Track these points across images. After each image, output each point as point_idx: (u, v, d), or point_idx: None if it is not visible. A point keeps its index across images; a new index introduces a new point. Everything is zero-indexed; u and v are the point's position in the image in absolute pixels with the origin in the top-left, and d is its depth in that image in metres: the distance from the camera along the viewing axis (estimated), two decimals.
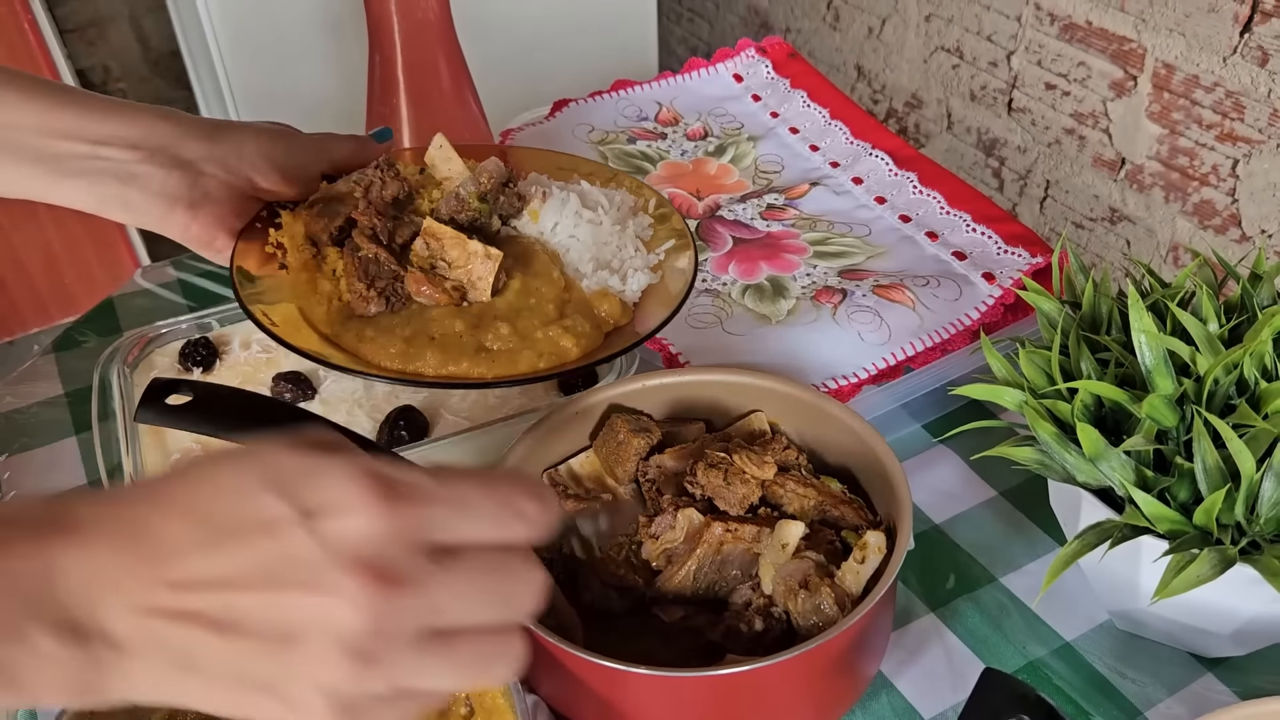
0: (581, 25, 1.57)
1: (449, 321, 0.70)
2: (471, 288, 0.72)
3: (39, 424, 0.90)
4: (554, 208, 0.77)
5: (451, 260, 0.72)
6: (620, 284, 0.77)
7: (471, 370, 0.69)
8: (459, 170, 0.78)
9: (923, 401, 0.83)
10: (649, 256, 0.79)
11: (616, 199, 0.82)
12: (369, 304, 0.71)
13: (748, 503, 0.67)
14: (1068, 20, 1.37)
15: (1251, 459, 0.56)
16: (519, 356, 0.69)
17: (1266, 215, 1.23)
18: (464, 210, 0.75)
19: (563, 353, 0.71)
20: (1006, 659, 0.70)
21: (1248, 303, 0.66)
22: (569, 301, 0.74)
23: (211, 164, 0.71)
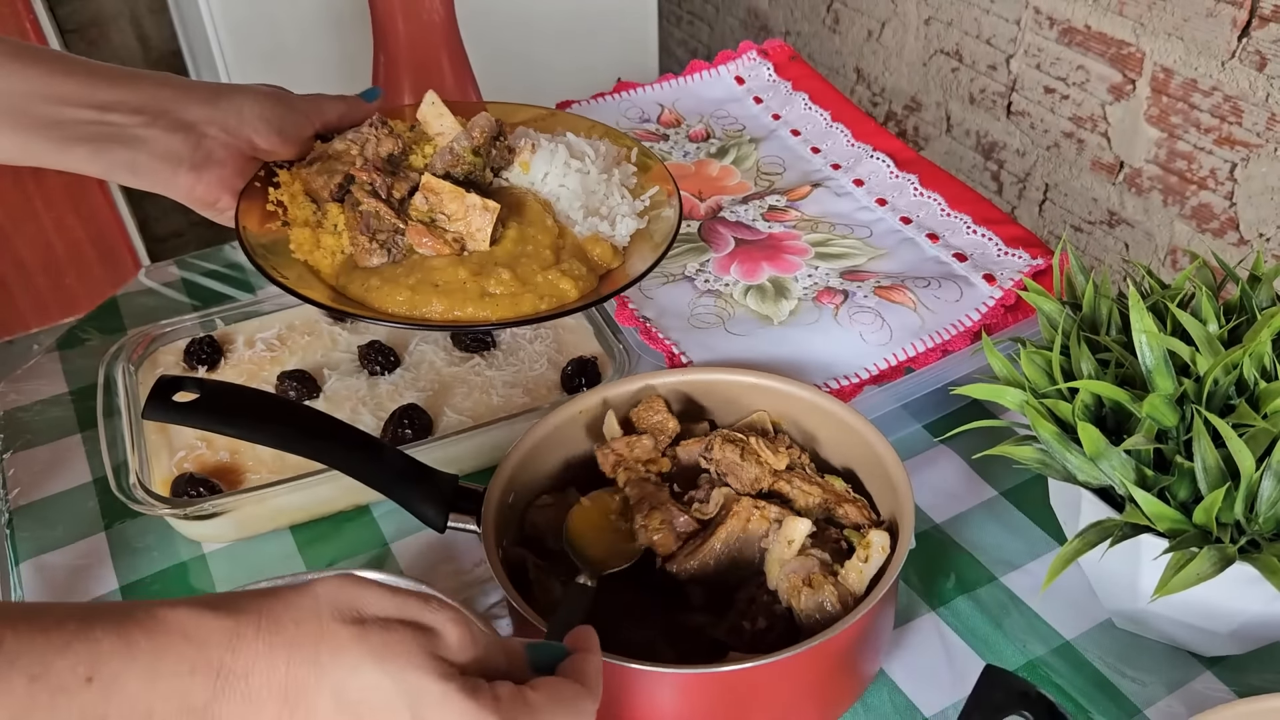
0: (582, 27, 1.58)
1: (452, 270, 0.73)
2: (470, 238, 0.75)
3: (43, 421, 0.90)
4: (543, 158, 0.81)
5: (450, 213, 0.75)
6: (610, 229, 0.81)
7: (478, 314, 0.72)
8: (451, 126, 0.82)
9: (924, 402, 0.83)
10: (635, 203, 0.83)
11: (601, 149, 0.86)
12: (372, 256, 0.74)
13: (759, 485, 0.68)
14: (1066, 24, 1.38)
15: (1251, 458, 0.57)
16: (521, 299, 0.73)
17: (1265, 219, 1.23)
18: (459, 164, 0.78)
19: (562, 294, 0.74)
20: (1007, 657, 0.70)
21: (1247, 304, 0.67)
22: (564, 247, 0.78)
23: (213, 126, 0.73)
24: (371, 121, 0.81)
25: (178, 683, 0.43)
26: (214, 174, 0.74)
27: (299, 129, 0.79)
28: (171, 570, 0.78)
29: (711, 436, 0.70)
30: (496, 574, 0.62)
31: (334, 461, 0.67)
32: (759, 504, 0.66)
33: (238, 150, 0.75)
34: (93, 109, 0.70)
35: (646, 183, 0.86)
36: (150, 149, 0.71)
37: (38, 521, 0.82)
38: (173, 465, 0.79)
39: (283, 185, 0.79)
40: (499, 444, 0.80)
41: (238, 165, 0.76)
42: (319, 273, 0.76)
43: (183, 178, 0.73)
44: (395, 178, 0.77)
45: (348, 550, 0.79)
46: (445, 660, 0.46)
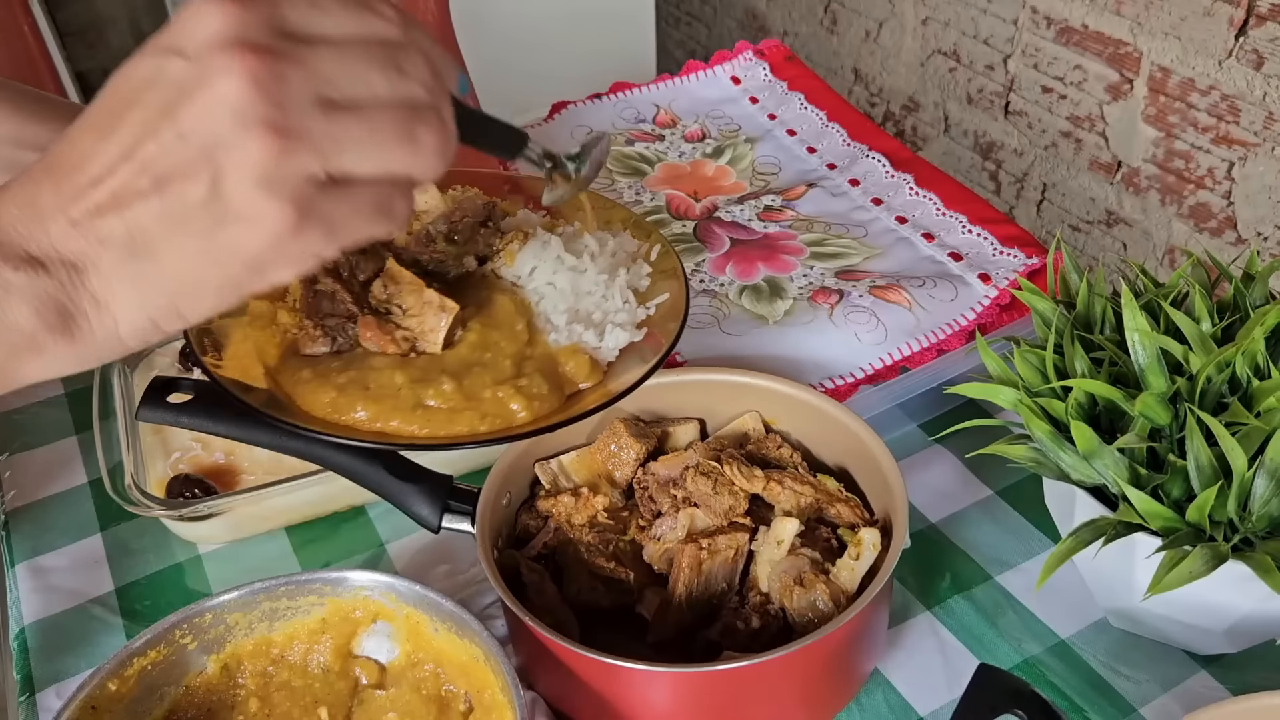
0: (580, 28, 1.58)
1: (388, 373, 0.64)
2: (422, 337, 0.66)
3: (40, 423, 0.90)
4: (533, 251, 0.71)
5: (406, 307, 0.67)
6: (595, 340, 0.69)
7: (403, 428, 0.63)
8: (434, 203, 0.73)
9: (919, 401, 0.83)
10: (637, 311, 0.72)
11: (610, 245, 0.75)
12: (315, 343, 0.66)
13: (734, 514, 0.67)
14: (1064, 24, 1.38)
15: (1243, 456, 0.57)
16: (458, 417, 0.63)
17: (1262, 218, 1.23)
18: (429, 250, 0.69)
19: (508, 417, 0.64)
20: (1002, 656, 0.70)
21: (1240, 302, 0.67)
22: (529, 358, 0.67)
23: None
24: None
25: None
26: None
27: None
28: (168, 571, 0.78)
29: (684, 469, 0.69)
30: (490, 574, 0.62)
31: (327, 462, 0.67)
32: (703, 541, 0.65)
33: None
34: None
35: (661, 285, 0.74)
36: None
37: (34, 523, 0.82)
38: (168, 467, 0.79)
39: None
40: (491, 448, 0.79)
41: None
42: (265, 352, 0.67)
43: None
44: (364, 256, 0.68)
45: (343, 551, 0.79)
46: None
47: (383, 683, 0.67)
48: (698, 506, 0.67)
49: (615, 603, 0.66)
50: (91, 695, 0.60)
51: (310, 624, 0.67)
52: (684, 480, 0.68)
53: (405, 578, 0.65)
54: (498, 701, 0.61)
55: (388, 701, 0.66)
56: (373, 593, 0.66)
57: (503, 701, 0.61)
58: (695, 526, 0.67)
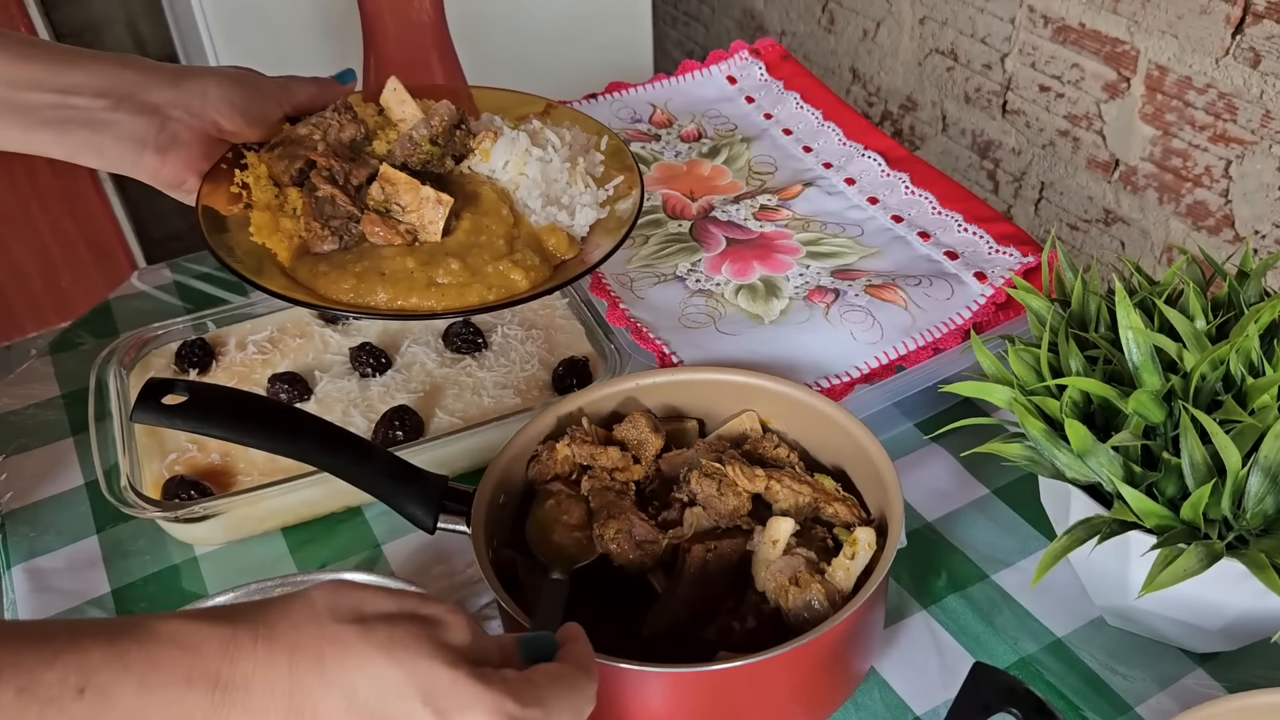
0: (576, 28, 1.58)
1: (400, 259, 0.73)
2: (423, 230, 0.75)
3: (36, 425, 0.90)
4: (504, 146, 0.80)
5: (405, 204, 0.75)
6: (569, 219, 0.80)
7: (422, 303, 0.72)
8: (412, 113, 0.81)
9: (915, 400, 0.83)
10: (598, 193, 0.82)
11: (567, 137, 0.84)
12: (323, 242, 0.74)
13: (738, 515, 0.67)
14: (1061, 22, 1.38)
15: (1237, 454, 0.57)
16: (469, 290, 0.73)
17: (1260, 215, 1.23)
18: (416, 153, 0.78)
19: (512, 285, 0.74)
20: (998, 655, 0.70)
21: (1235, 300, 0.67)
22: (518, 237, 0.77)
23: (177, 109, 0.73)
24: (335, 106, 0.80)
25: (173, 693, 0.42)
26: (179, 156, 0.74)
27: (265, 111, 0.78)
28: (164, 573, 0.78)
29: (688, 470, 0.69)
30: (486, 575, 0.62)
31: (322, 463, 0.67)
32: (709, 545, 0.66)
33: (203, 132, 0.75)
34: (56, 93, 0.70)
35: (615, 170, 0.85)
36: (115, 132, 0.71)
37: (30, 525, 0.82)
38: (164, 468, 0.79)
39: (249, 168, 0.79)
40: (490, 445, 0.80)
41: (203, 148, 0.75)
42: (275, 256, 0.75)
43: (148, 160, 0.73)
44: (355, 164, 0.77)
45: (339, 552, 0.79)
46: (451, 648, 0.47)
47: None
48: (701, 507, 0.67)
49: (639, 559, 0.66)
50: None
51: None
52: (688, 481, 0.68)
53: (401, 579, 0.65)
54: None
55: None
56: None
57: None
58: (700, 527, 0.67)
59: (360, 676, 0.45)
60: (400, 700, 0.45)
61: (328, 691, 0.44)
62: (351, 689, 0.44)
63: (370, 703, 0.44)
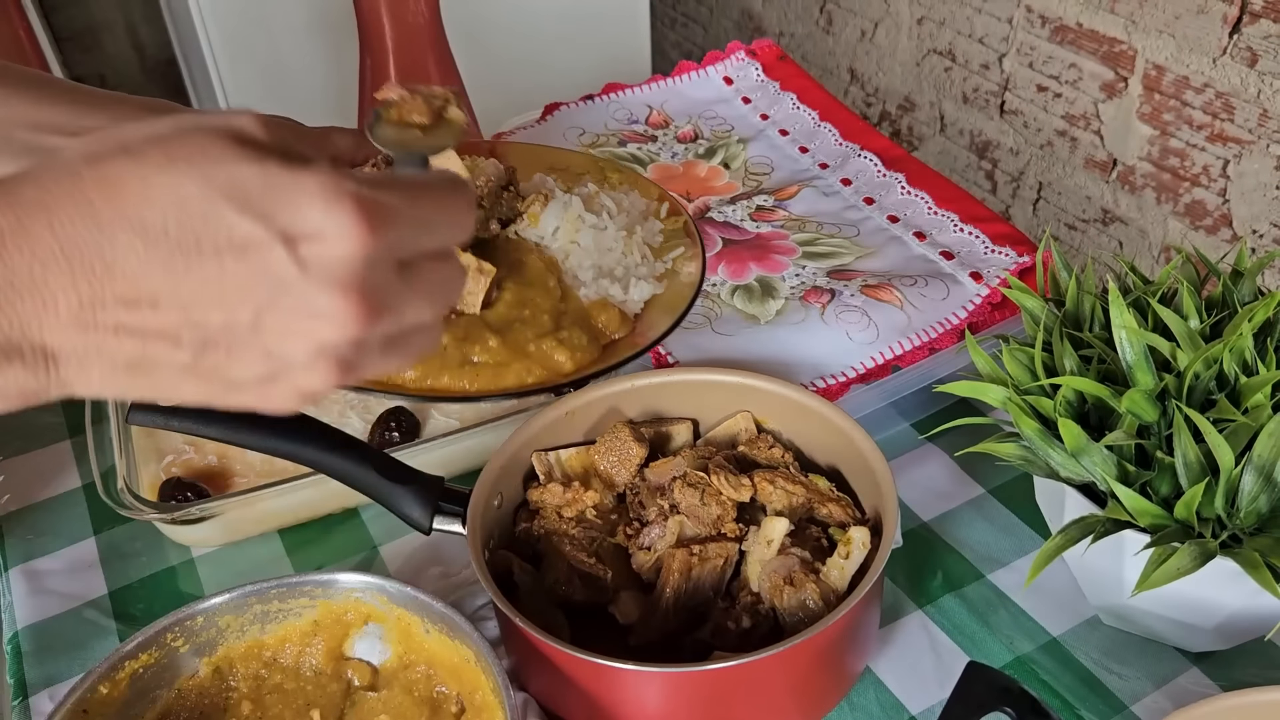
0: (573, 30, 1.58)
1: None
2: (462, 301, 0.69)
3: (33, 427, 0.90)
4: (555, 211, 0.74)
5: None
6: (622, 293, 0.74)
7: (454, 384, 0.66)
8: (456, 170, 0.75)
9: (911, 400, 0.83)
10: (655, 265, 0.76)
11: (625, 203, 0.79)
12: None
13: (721, 524, 0.67)
14: (1058, 22, 1.38)
15: (1230, 453, 0.57)
16: (506, 371, 0.67)
17: (1257, 215, 1.23)
18: None
19: (555, 367, 0.68)
20: (994, 654, 0.70)
21: (1229, 299, 0.67)
22: (565, 312, 0.71)
23: None
24: (375, 161, 0.74)
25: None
26: None
27: None
28: (161, 574, 0.78)
29: (671, 479, 0.69)
30: (481, 576, 0.62)
31: (318, 464, 0.67)
32: (694, 548, 0.65)
33: None
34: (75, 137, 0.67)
35: (674, 241, 0.78)
36: None
37: (28, 527, 0.82)
38: (161, 470, 0.80)
39: None
40: (487, 446, 0.80)
41: None
42: None
43: None
44: None
45: (336, 553, 0.79)
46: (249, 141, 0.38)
47: (375, 684, 0.67)
48: (684, 516, 0.67)
49: (589, 599, 0.66)
50: (83, 699, 0.60)
51: (302, 626, 0.67)
52: (671, 490, 0.68)
53: (397, 580, 0.65)
54: (489, 703, 0.61)
55: (380, 703, 0.66)
56: (364, 595, 0.66)
57: (494, 703, 0.61)
58: (683, 534, 0.67)
59: (146, 206, 0.36)
60: (206, 217, 0.37)
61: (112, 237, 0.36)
62: (141, 223, 0.36)
63: (171, 230, 0.36)
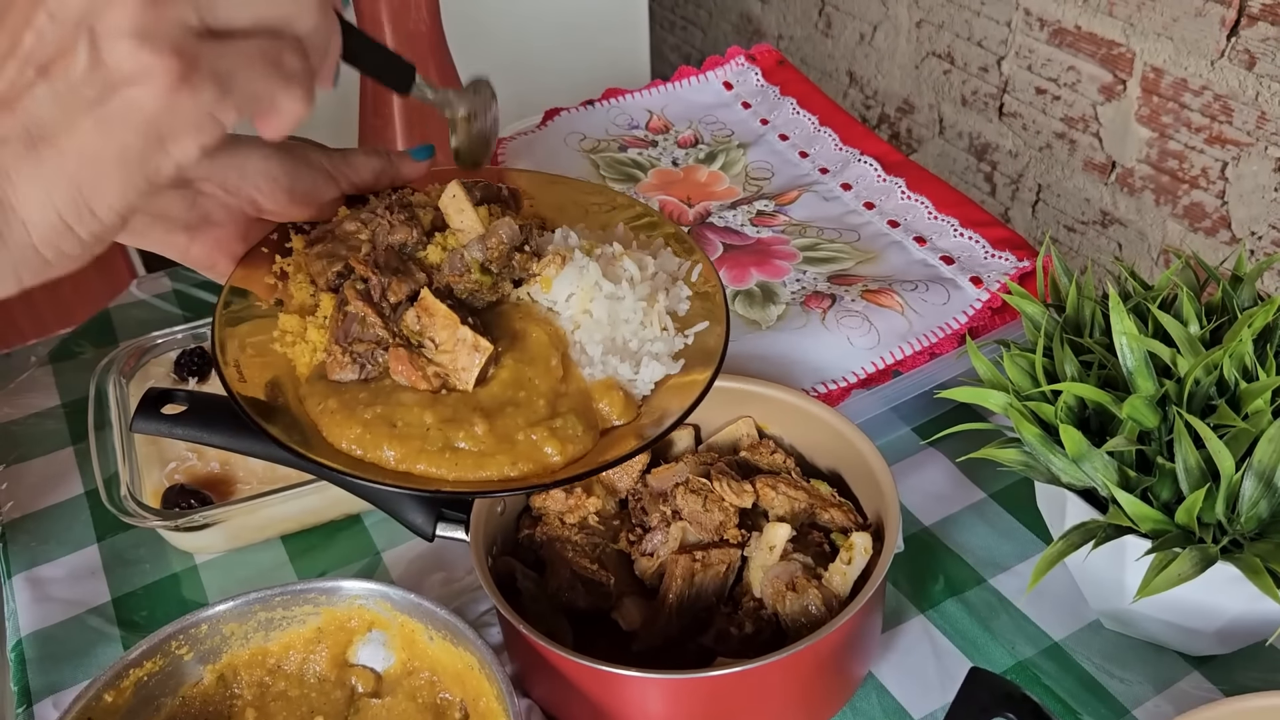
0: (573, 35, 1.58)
1: (417, 411, 0.62)
2: (454, 374, 0.63)
3: (36, 435, 0.90)
4: (570, 277, 0.67)
5: (439, 342, 0.63)
6: (630, 372, 0.67)
7: (430, 470, 0.60)
8: (471, 225, 0.68)
9: (912, 405, 0.83)
10: (674, 340, 0.69)
11: (651, 268, 0.71)
12: (343, 369, 0.63)
13: (724, 530, 0.67)
14: (1057, 25, 1.38)
15: (1231, 459, 0.57)
16: (488, 461, 0.61)
17: (1256, 217, 1.23)
18: (465, 279, 0.66)
19: (542, 460, 0.61)
20: (995, 659, 0.70)
21: (1229, 304, 0.67)
22: (565, 394, 0.65)
23: (210, 184, 0.64)
24: (389, 202, 0.69)
25: None
26: (209, 235, 0.65)
27: (315, 190, 0.67)
28: (164, 581, 0.79)
29: (674, 485, 0.69)
30: (485, 583, 0.62)
31: (321, 472, 0.67)
32: (697, 554, 0.65)
33: (239, 211, 0.65)
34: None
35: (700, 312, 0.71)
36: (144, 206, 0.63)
37: (31, 535, 0.82)
38: (164, 477, 0.80)
39: (294, 254, 0.68)
40: None
41: (238, 228, 0.66)
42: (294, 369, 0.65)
43: (175, 238, 0.64)
44: (398, 276, 0.65)
45: (339, 560, 0.79)
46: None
47: (379, 691, 0.67)
48: (686, 522, 0.67)
49: (592, 605, 0.66)
50: (87, 707, 0.60)
51: (306, 633, 0.67)
52: (674, 496, 0.68)
53: (400, 586, 0.66)
54: (493, 709, 0.62)
55: (384, 710, 0.66)
56: (367, 602, 0.66)
57: (498, 709, 0.61)
58: (686, 540, 0.67)
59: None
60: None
61: None
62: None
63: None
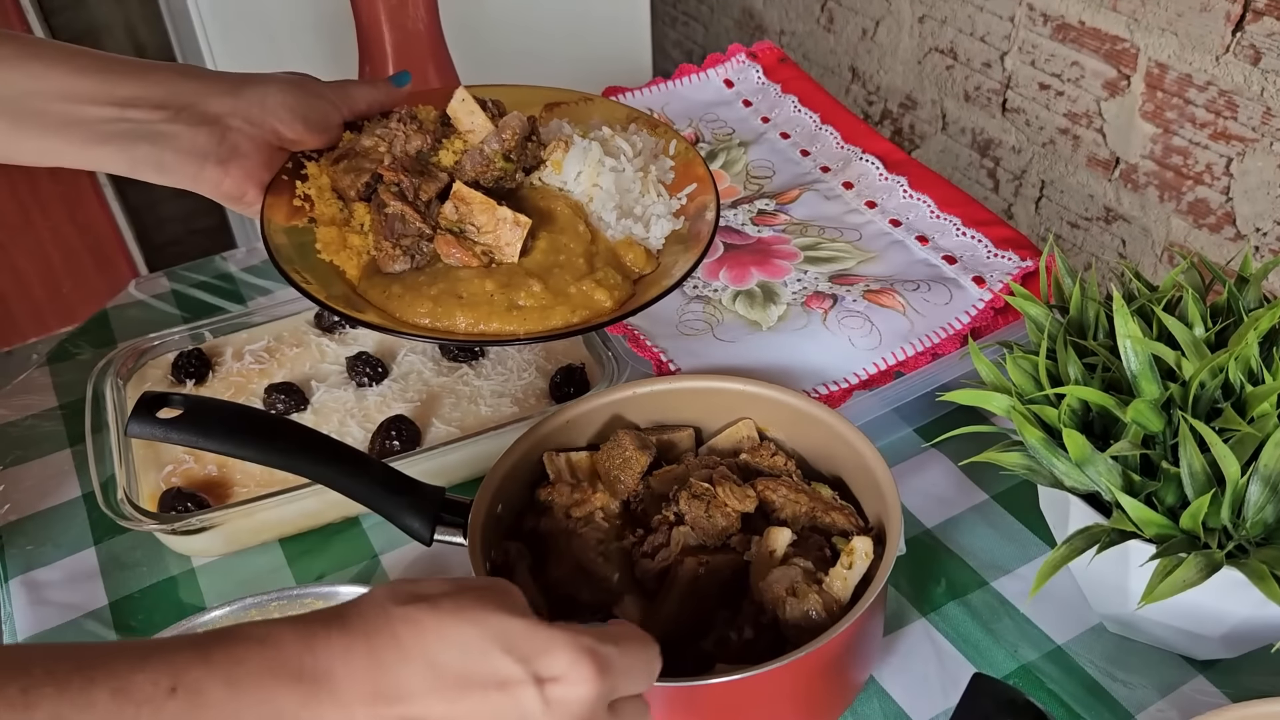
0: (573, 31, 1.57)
1: (478, 282, 0.71)
2: (499, 251, 0.72)
3: (34, 437, 0.90)
4: (576, 157, 0.77)
5: (480, 225, 0.72)
6: (644, 231, 0.77)
7: (504, 327, 0.69)
8: (482, 124, 0.77)
9: (914, 406, 0.83)
10: (671, 201, 0.79)
11: (638, 144, 0.81)
12: (394, 261, 0.71)
13: (726, 534, 0.67)
14: (1060, 20, 1.37)
15: (1236, 463, 0.56)
16: (552, 312, 0.70)
17: (1261, 213, 1.23)
18: (489, 169, 0.75)
19: (597, 305, 0.71)
20: (998, 663, 0.70)
21: (1234, 306, 0.66)
22: (596, 254, 0.74)
23: (237, 118, 0.71)
24: (400, 116, 0.77)
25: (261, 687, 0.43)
26: (240, 167, 0.71)
27: (326, 117, 0.76)
28: (161, 585, 0.78)
29: (677, 489, 0.68)
30: None
31: (317, 475, 0.67)
32: (702, 560, 0.65)
33: (263, 141, 0.73)
34: (113, 105, 0.67)
35: (684, 177, 0.82)
36: (175, 144, 0.69)
37: (28, 538, 0.82)
38: (161, 480, 0.79)
39: (310, 178, 0.76)
40: (488, 455, 0.79)
41: (263, 157, 0.73)
42: (344, 274, 0.73)
43: (209, 172, 0.70)
44: (424, 178, 0.74)
45: (337, 563, 0.79)
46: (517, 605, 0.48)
47: None
48: (690, 527, 0.67)
49: (593, 600, 0.66)
50: None
51: None
52: (676, 500, 0.67)
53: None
54: None
55: None
56: None
57: None
58: (688, 544, 0.66)
59: (437, 643, 0.45)
60: (482, 656, 0.46)
61: (409, 665, 0.45)
62: (432, 657, 0.45)
63: (453, 666, 0.45)
